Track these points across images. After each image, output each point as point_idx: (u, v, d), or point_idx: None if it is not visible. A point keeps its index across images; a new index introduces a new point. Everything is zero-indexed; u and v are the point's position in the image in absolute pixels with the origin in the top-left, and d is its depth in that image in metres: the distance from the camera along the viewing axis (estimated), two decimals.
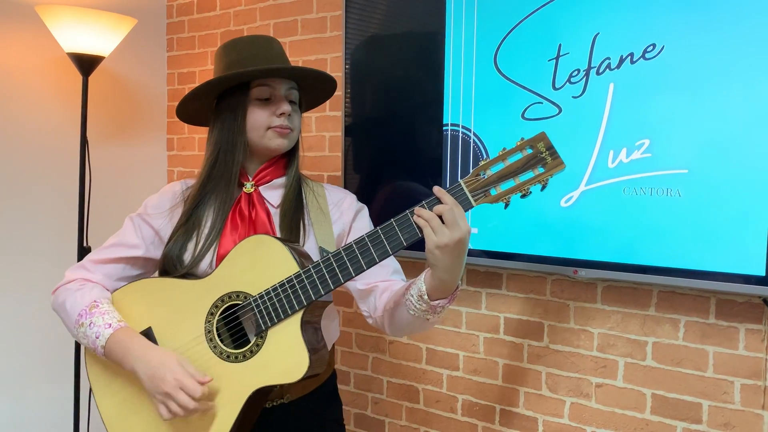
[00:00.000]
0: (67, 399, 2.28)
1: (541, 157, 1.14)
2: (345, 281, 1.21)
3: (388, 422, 2.11)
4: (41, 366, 2.29)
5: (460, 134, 1.77)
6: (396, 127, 1.90)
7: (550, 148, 1.15)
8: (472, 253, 1.15)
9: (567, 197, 1.61)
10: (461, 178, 1.17)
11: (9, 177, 2.19)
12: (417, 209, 1.16)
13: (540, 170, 1.14)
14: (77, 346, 2.18)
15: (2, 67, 2.16)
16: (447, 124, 1.79)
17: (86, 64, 2.13)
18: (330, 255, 1.21)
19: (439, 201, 1.15)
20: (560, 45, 1.60)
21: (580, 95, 1.58)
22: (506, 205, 1.16)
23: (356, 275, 1.21)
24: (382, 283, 1.37)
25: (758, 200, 1.39)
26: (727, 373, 1.54)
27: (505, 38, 1.68)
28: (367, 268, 1.20)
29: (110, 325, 1.29)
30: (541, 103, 1.64)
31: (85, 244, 2.19)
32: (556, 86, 1.61)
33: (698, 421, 1.58)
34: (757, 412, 1.51)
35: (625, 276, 1.57)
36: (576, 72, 1.59)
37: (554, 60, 1.61)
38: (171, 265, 1.36)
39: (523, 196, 1.16)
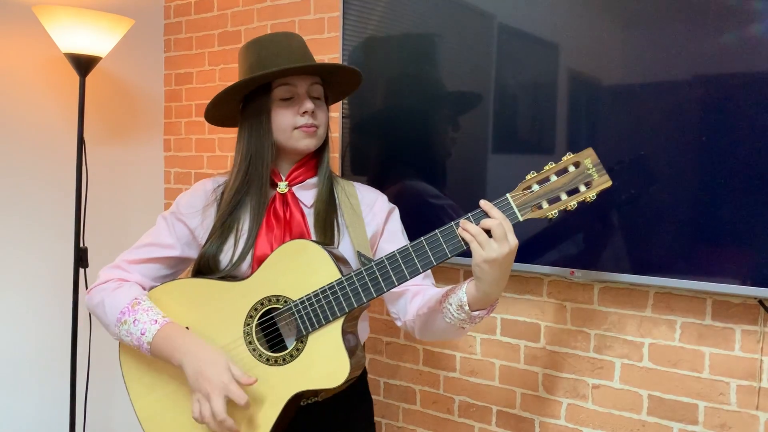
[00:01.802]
0: (63, 399, 2.28)
1: (587, 174, 1.15)
2: (387, 290, 1.21)
3: (385, 423, 2.11)
4: (37, 366, 2.28)
5: None
6: (394, 127, 1.90)
7: (597, 164, 1.15)
8: (467, 254, 1.17)
9: None
10: (508, 192, 1.17)
11: (5, 177, 2.19)
12: (463, 222, 1.16)
13: (586, 187, 1.15)
14: (73, 346, 2.17)
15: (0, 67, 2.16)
16: None
17: (83, 64, 2.13)
18: (373, 263, 1.21)
19: (484, 214, 1.15)
20: None
21: None
22: (550, 220, 1.17)
23: (399, 284, 1.21)
24: (413, 287, 1.37)
25: (754, 201, 1.39)
26: (723, 374, 1.55)
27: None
28: (410, 278, 1.20)
29: (156, 321, 1.30)
30: None
31: (81, 245, 2.18)
32: None
33: (694, 422, 1.58)
34: (753, 413, 1.51)
35: (621, 277, 1.57)
36: None
37: None
38: (206, 266, 1.36)
39: (567, 211, 1.17)
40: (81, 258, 2.17)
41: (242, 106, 1.41)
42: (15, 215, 2.22)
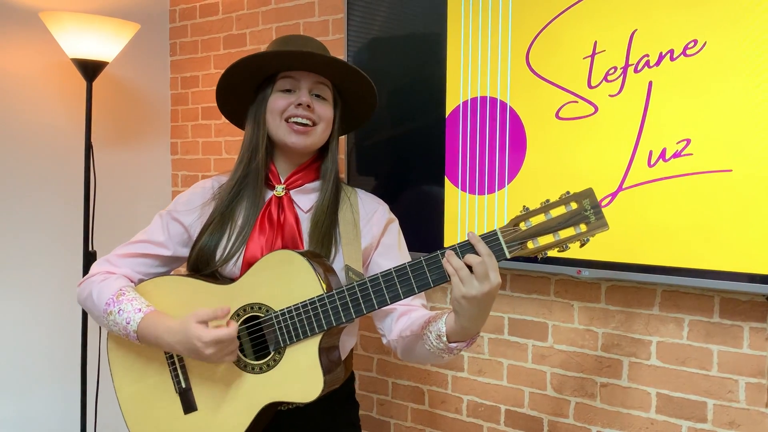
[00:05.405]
0: (74, 402, 2.29)
1: (584, 215, 1.10)
2: (367, 312, 1.20)
3: (394, 423, 2.11)
4: (48, 369, 2.30)
5: None
6: (399, 128, 1.91)
7: (596, 206, 1.10)
8: None
9: None
10: (498, 227, 1.13)
11: (15, 182, 2.21)
12: (448, 253, 1.12)
13: (582, 229, 1.10)
14: (83, 350, 2.19)
15: (7, 73, 2.17)
16: None
17: (90, 69, 2.14)
18: (355, 284, 1.19)
19: (472, 247, 1.11)
20: (596, 42, 1.56)
21: (616, 94, 1.55)
22: (540, 258, 1.13)
23: (379, 308, 1.19)
24: (401, 306, 1.34)
25: (762, 198, 1.39)
26: (731, 371, 1.54)
27: (537, 35, 1.64)
28: (391, 303, 1.19)
29: (140, 309, 1.30)
30: (576, 102, 1.60)
31: (90, 249, 2.20)
32: (592, 85, 1.58)
33: (703, 420, 1.58)
34: (762, 411, 1.51)
35: (628, 276, 1.57)
36: (613, 70, 1.55)
37: (590, 57, 1.58)
38: (203, 260, 1.35)
39: (560, 251, 1.12)
40: (90, 262, 2.19)
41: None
42: (24, 220, 2.23)
